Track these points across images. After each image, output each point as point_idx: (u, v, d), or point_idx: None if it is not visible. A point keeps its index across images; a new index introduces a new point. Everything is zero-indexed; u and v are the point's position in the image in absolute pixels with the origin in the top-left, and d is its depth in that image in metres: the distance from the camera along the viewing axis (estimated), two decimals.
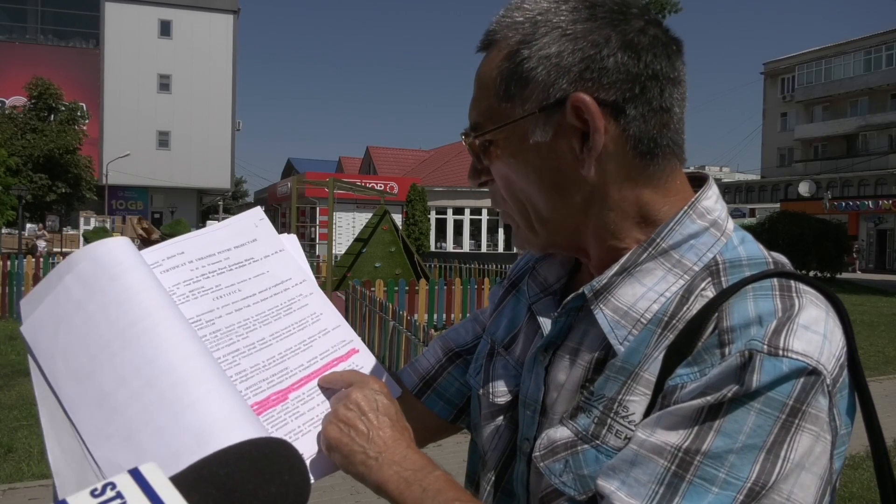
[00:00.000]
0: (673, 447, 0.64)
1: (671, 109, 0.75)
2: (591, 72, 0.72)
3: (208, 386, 0.69)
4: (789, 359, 0.62)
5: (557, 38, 0.73)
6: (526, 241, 0.83)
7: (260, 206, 1.03)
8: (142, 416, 0.67)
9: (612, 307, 0.75)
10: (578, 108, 0.72)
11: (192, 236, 0.88)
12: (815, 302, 0.68)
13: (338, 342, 0.91)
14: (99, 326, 0.71)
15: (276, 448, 0.61)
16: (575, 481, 0.73)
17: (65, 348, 0.71)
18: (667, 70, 0.74)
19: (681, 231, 0.75)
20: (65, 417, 0.69)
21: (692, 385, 0.65)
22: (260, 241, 0.93)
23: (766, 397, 0.62)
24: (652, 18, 0.76)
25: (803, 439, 0.62)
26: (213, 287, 0.85)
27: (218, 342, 0.81)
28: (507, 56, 0.75)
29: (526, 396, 0.84)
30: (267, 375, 0.82)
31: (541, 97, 0.73)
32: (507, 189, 0.80)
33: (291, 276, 0.93)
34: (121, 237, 0.80)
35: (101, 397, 0.68)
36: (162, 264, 0.83)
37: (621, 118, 0.72)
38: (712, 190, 0.79)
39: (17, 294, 11.32)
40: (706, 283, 0.72)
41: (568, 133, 0.73)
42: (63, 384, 0.70)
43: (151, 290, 0.75)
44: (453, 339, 1.03)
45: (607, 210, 0.76)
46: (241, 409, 0.70)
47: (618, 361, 0.73)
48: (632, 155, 0.74)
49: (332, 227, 12.21)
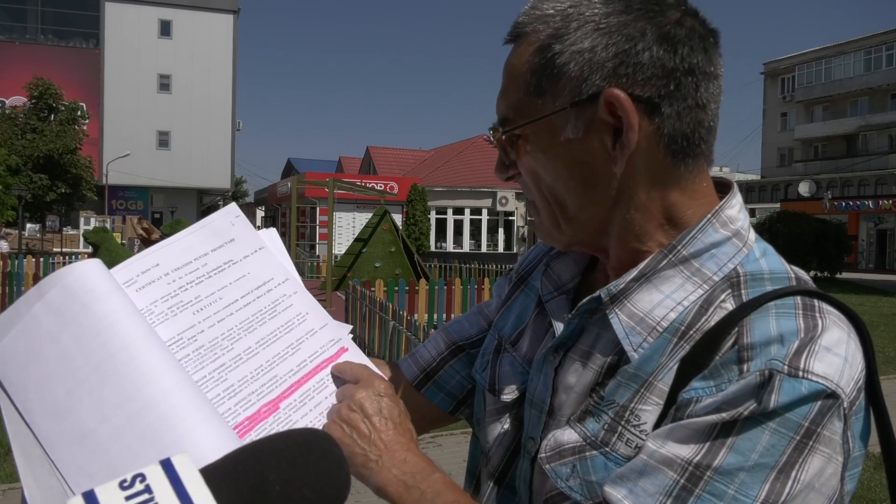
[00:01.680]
0: (684, 460, 0.63)
1: (706, 106, 0.73)
2: (626, 67, 0.70)
3: (193, 421, 0.67)
4: (809, 381, 0.61)
5: (590, 32, 0.71)
6: (550, 236, 0.82)
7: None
8: (126, 454, 0.64)
9: (628, 313, 0.74)
10: (612, 105, 0.70)
11: (166, 244, 0.84)
12: (838, 323, 0.67)
13: (326, 342, 0.88)
14: (74, 359, 0.68)
15: (313, 443, 0.56)
16: (582, 486, 0.72)
17: (38, 382, 0.68)
18: (703, 64, 0.72)
19: (703, 239, 0.73)
20: (42, 454, 0.66)
21: (707, 400, 0.65)
22: (238, 241, 0.88)
23: (782, 418, 0.61)
24: (689, 9, 0.73)
25: (815, 461, 0.61)
26: (193, 300, 0.81)
27: (202, 360, 0.78)
28: (538, 50, 0.73)
29: (533, 396, 0.83)
30: (256, 387, 0.80)
31: (573, 93, 0.72)
32: (535, 184, 0.78)
33: (273, 276, 0.89)
34: (91, 259, 0.76)
35: (82, 434, 0.66)
36: (137, 280, 0.79)
37: (656, 115, 0.71)
38: (737, 198, 0.77)
39: (16, 294, 11.31)
40: (726, 295, 0.71)
41: (600, 129, 0.72)
42: (38, 419, 0.67)
43: (127, 318, 0.72)
44: (456, 332, 1.02)
45: (633, 210, 0.75)
46: (229, 442, 0.67)
47: (631, 368, 0.72)
48: (664, 154, 0.72)
49: (332, 227, 12.20)
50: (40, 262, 12.89)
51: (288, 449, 0.54)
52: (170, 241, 0.84)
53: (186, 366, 0.76)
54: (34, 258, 12.98)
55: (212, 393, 0.77)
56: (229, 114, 44.01)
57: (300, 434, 0.57)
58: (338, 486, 0.54)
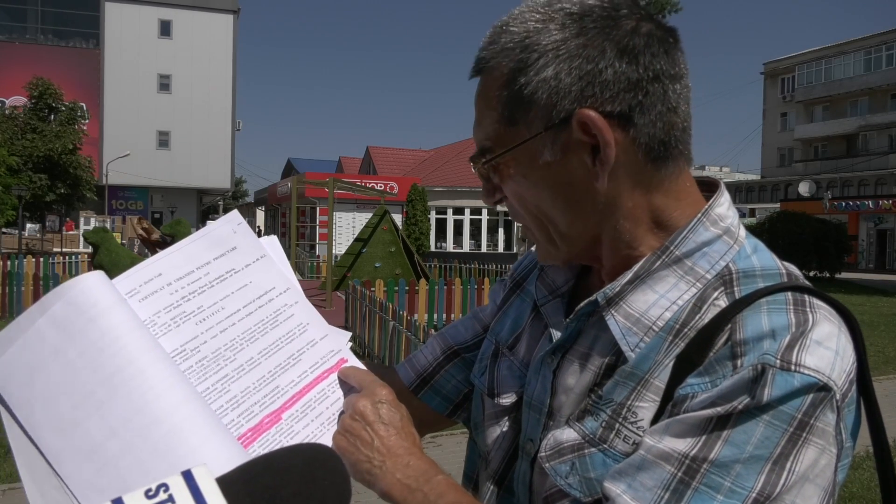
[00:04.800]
0: (680, 454, 0.65)
1: (677, 108, 0.74)
2: (592, 87, 0.71)
3: (202, 434, 0.68)
4: (801, 374, 0.63)
5: (552, 60, 0.72)
6: (548, 254, 0.83)
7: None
8: (136, 468, 0.65)
9: (624, 314, 0.75)
10: (585, 125, 0.71)
11: (169, 252, 0.84)
12: (829, 318, 0.68)
13: (326, 353, 0.89)
14: (80, 374, 0.69)
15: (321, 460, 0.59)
16: (581, 483, 0.73)
17: (44, 396, 0.68)
18: (667, 67, 0.73)
19: (694, 238, 0.75)
20: (48, 469, 0.66)
21: (703, 395, 0.66)
22: (240, 250, 0.88)
23: (776, 410, 0.62)
24: (643, 13, 0.74)
25: (809, 452, 0.63)
26: (195, 310, 0.82)
27: (205, 371, 0.79)
28: (505, 84, 0.75)
29: (532, 398, 0.84)
30: (259, 398, 0.81)
31: (545, 118, 0.73)
32: (523, 207, 0.80)
33: (275, 285, 0.89)
34: (95, 272, 0.76)
35: (90, 449, 0.66)
36: (140, 291, 0.79)
37: (629, 127, 0.72)
38: (724, 196, 0.78)
39: (17, 294, 11.31)
40: (718, 293, 0.72)
41: (577, 149, 0.73)
42: (44, 434, 0.67)
43: (132, 331, 0.72)
44: (452, 337, 1.03)
45: (622, 219, 0.76)
46: (237, 456, 0.69)
47: (628, 367, 0.73)
48: (643, 162, 0.74)
49: (332, 227, 12.20)
50: (40, 262, 12.88)
51: (299, 465, 0.57)
52: (172, 249, 0.85)
53: (190, 377, 0.77)
54: (34, 258, 12.97)
55: (215, 404, 0.77)
56: (229, 114, 44.00)
57: (309, 450, 0.60)
58: (340, 500, 0.58)
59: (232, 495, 0.51)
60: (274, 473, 0.55)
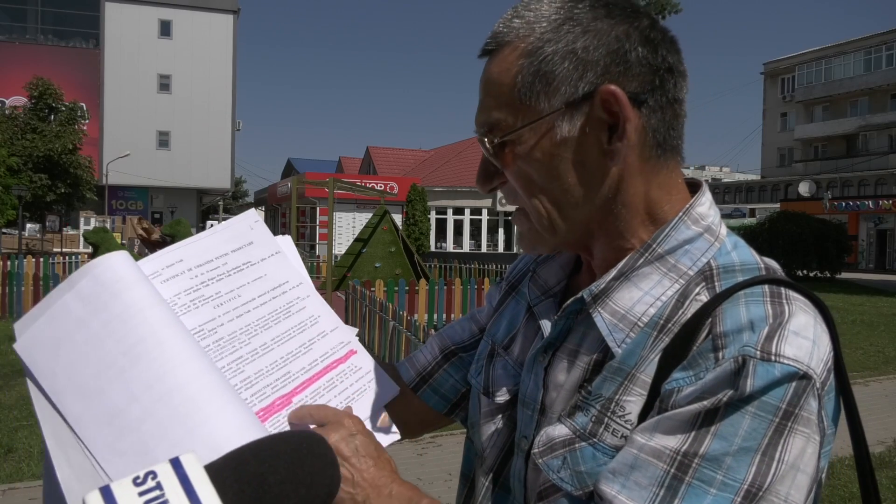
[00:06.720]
0: (672, 451, 0.66)
1: (682, 102, 0.78)
2: (617, 65, 0.73)
3: (221, 402, 0.71)
4: (781, 364, 0.64)
5: (581, 34, 0.74)
6: (536, 242, 0.82)
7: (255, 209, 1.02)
8: (156, 431, 0.67)
9: (611, 311, 0.77)
10: (607, 101, 0.72)
11: (189, 242, 0.89)
12: (804, 308, 0.70)
13: (336, 344, 0.93)
14: (104, 343, 0.71)
15: (308, 446, 0.60)
16: (572, 477, 0.74)
17: (67, 365, 0.71)
18: (677, 64, 0.77)
19: (676, 236, 0.76)
20: (71, 434, 0.68)
21: (688, 389, 0.67)
22: (256, 244, 0.93)
23: (760, 401, 0.63)
24: (654, 18, 0.79)
25: (796, 441, 0.64)
26: (214, 294, 0.85)
27: (221, 350, 0.82)
28: (527, 54, 0.75)
29: (525, 396, 0.85)
30: (271, 381, 0.84)
31: (568, 92, 0.74)
32: (527, 189, 0.79)
33: (289, 279, 0.94)
34: (120, 252, 0.79)
35: (112, 414, 0.68)
36: (161, 273, 0.83)
37: (643, 108, 0.74)
38: (706, 196, 0.80)
39: (17, 294, 11.31)
40: (700, 288, 0.74)
41: (596, 127, 0.74)
42: (67, 400, 0.70)
43: (155, 306, 0.75)
44: (450, 337, 1.06)
45: (621, 207, 0.77)
46: (254, 425, 0.71)
47: (615, 363, 0.75)
48: (650, 147, 0.76)
49: (332, 227, 12.20)
50: (40, 262, 12.88)
51: (287, 452, 0.58)
52: (191, 240, 0.89)
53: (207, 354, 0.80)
54: (34, 258, 12.97)
55: (230, 382, 0.80)
56: (229, 114, 44.04)
57: (296, 437, 0.60)
58: (328, 486, 0.59)
59: (220, 482, 0.51)
60: (262, 460, 0.56)
